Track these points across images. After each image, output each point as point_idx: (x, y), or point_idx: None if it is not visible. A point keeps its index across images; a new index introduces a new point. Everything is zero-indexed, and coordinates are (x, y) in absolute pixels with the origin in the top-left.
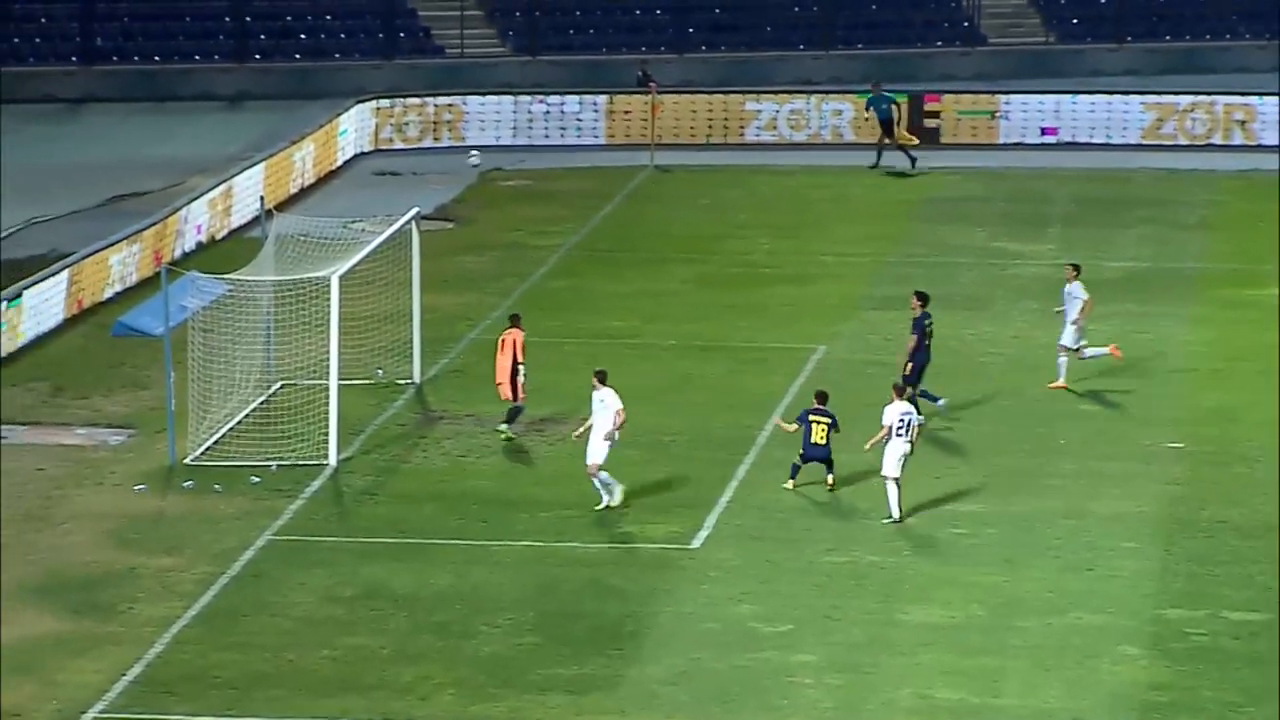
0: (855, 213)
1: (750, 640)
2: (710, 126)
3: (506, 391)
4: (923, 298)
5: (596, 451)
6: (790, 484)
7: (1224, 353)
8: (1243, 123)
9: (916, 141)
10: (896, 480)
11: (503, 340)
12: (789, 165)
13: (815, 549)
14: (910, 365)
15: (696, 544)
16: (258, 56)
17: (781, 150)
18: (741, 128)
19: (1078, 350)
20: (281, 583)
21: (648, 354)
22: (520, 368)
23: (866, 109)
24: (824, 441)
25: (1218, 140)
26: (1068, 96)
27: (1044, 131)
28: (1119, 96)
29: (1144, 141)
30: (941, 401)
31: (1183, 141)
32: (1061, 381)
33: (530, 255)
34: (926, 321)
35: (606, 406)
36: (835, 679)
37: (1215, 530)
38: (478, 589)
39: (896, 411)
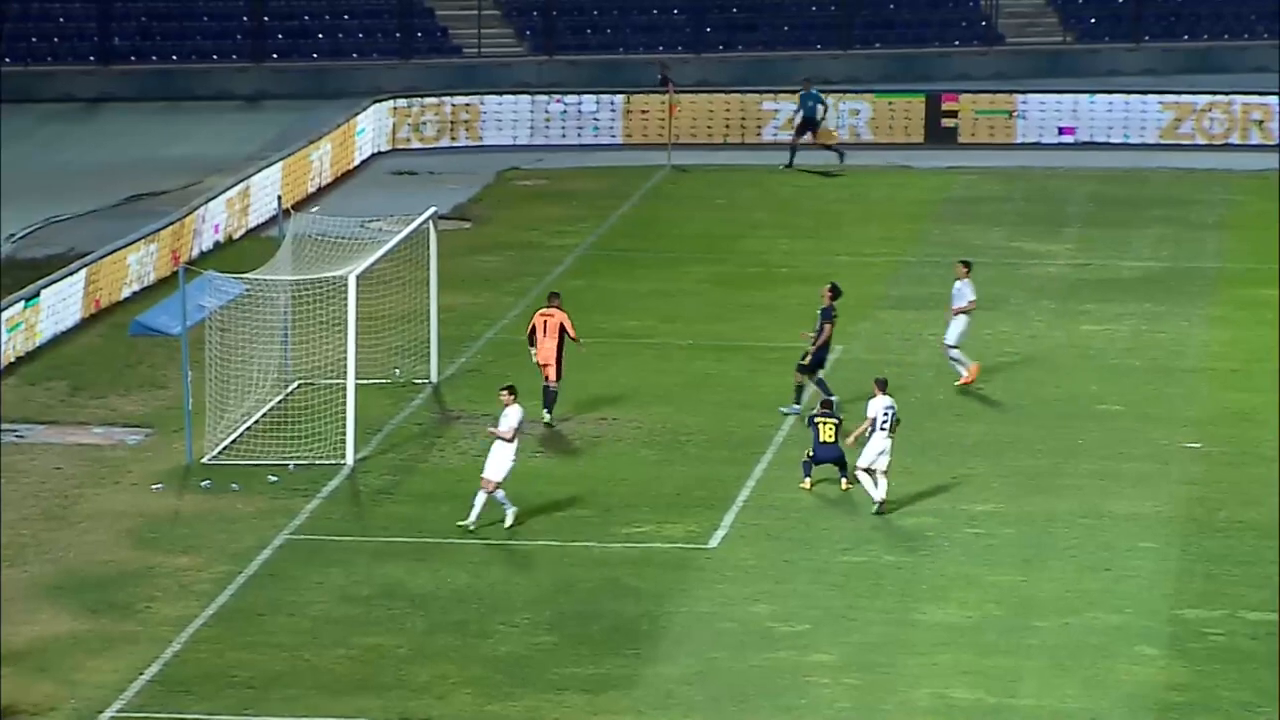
0: (872, 213)
1: (767, 640)
2: (727, 126)
3: (553, 373)
4: (835, 290)
5: (498, 467)
6: (807, 483)
7: (1242, 353)
8: (1260, 122)
9: (838, 138)
10: (869, 471)
11: (544, 322)
12: (806, 165)
13: (832, 549)
14: (812, 354)
15: (713, 544)
16: (275, 56)
17: (799, 150)
18: (759, 127)
19: (955, 346)
20: (298, 582)
21: (664, 353)
22: (579, 345)
23: (798, 108)
24: (833, 439)
25: (1235, 140)
26: (1085, 96)
27: (1061, 131)
28: (1136, 96)
29: (1161, 141)
30: (798, 408)
31: (1200, 141)
32: (965, 375)
33: (547, 255)
34: (834, 314)
35: (508, 419)
36: (852, 679)
37: (1233, 530)
38: (494, 588)
39: (880, 405)
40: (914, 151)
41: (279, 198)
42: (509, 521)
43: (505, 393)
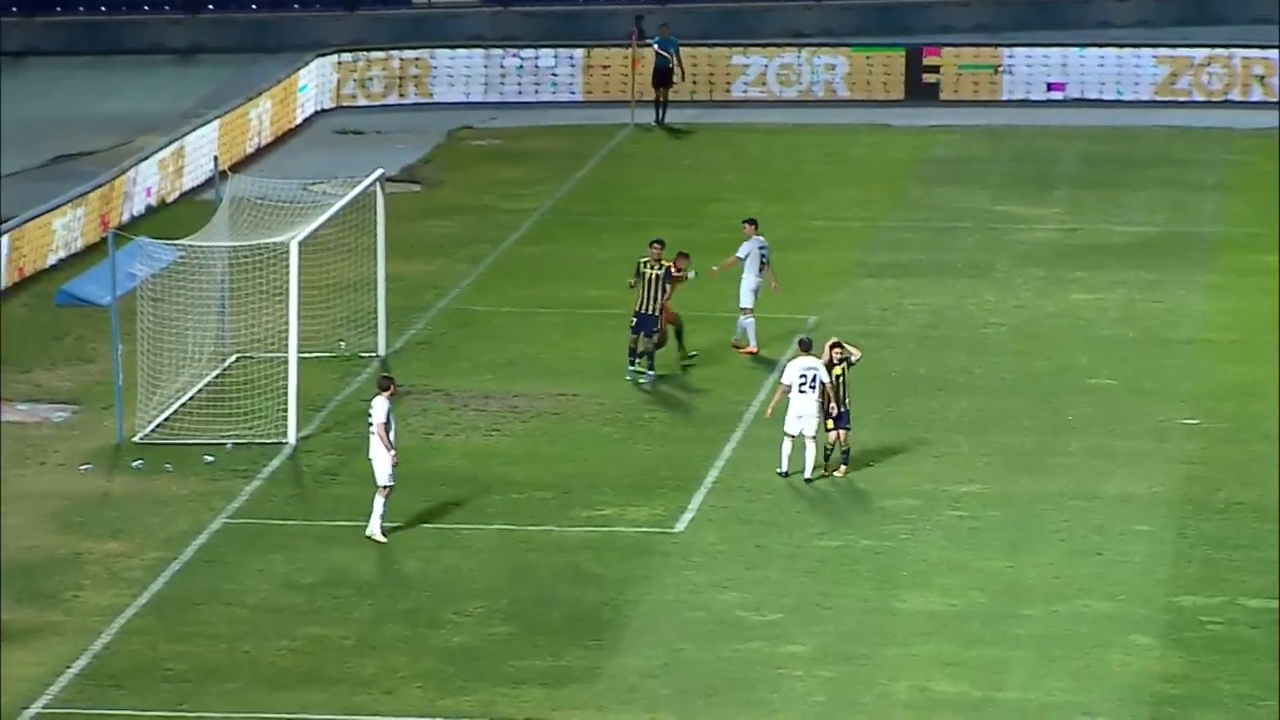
0: (849, 174)
1: (737, 630)
2: (694, 82)
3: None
4: (662, 244)
5: (381, 470)
6: (841, 470)
7: (1242, 323)
8: (1261, 77)
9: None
10: (809, 437)
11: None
12: (778, 123)
13: (806, 533)
14: (639, 319)
15: (680, 527)
16: (211, 7)
17: (770, 107)
18: (728, 83)
19: (749, 311)
20: (237, 569)
21: (627, 324)
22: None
23: (658, 51)
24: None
25: (1235, 96)
26: (1075, 50)
27: (1050, 87)
28: (1130, 50)
29: (1156, 97)
30: (653, 374)
31: (1198, 97)
32: (752, 345)
33: (502, 219)
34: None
35: (373, 418)
36: (827, 671)
37: (1232, 512)
38: (446, 575)
39: (798, 368)
40: (893, 109)
41: (215, 158)
42: (377, 531)
43: (380, 386)
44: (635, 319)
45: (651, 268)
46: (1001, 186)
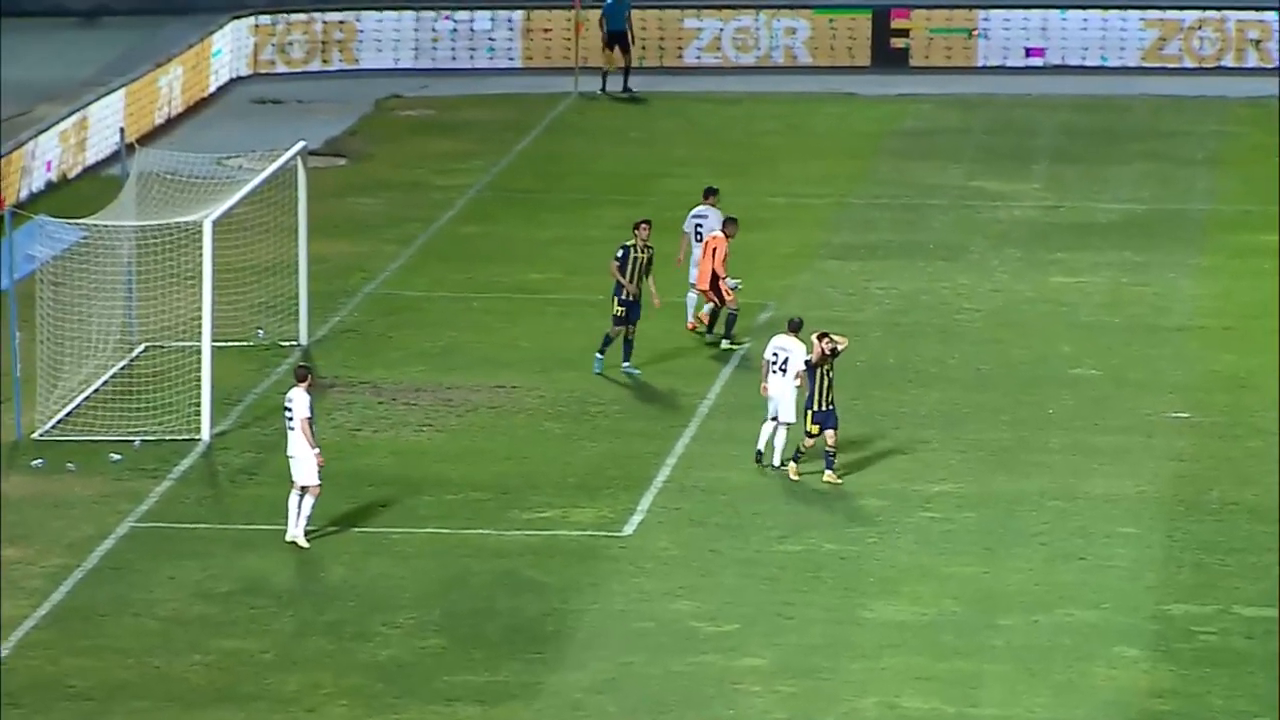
0: (811, 147)
1: (690, 642)
2: (644, 47)
3: (710, 295)
4: (649, 225)
5: (308, 469)
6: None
7: (1236, 308)
8: (1257, 42)
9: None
10: (781, 423)
11: (704, 243)
12: (734, 92)
13: (765, 536)
14: (629, 308)
15: (628, 530)
16: None
17: (726, 74)
18: (679, 48)
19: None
20: (146, 577)
21: (571, 310)
22: (721, 282)
23: (602, 17)
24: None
25: (1228, 62)
26: (1056, 12)
27: (1029, 53)
28: (1115, 11)
29: (1144, 64)
30: (629, 365)
31: (1188, 64)
32: (692, 321)
33: (435, 197)
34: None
35: (294, 413)
36: (788, 686)
37: (1225, 513)
38: (374, 583)
39: (771, 346)
40: (860, 76)
41: (121, 130)
42: (300, 536)
43: (296, 377)
44: (624, 308)
45: (642, 251)
46: (976, 161)
